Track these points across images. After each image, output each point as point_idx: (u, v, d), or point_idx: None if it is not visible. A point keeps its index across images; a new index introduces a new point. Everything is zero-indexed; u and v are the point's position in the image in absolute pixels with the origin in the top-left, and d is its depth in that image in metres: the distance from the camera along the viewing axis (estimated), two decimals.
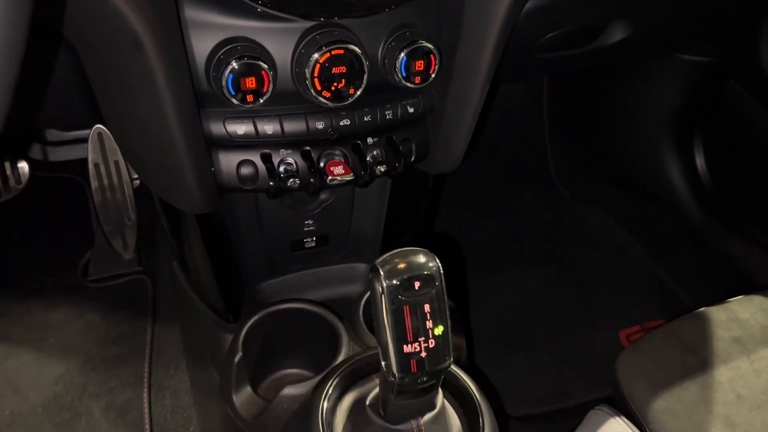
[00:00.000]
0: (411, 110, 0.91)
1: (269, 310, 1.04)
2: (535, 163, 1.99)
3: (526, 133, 2.01)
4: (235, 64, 0.76)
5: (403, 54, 0.82)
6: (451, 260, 1.70)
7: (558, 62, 1.16)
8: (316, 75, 0.79)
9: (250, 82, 0.78)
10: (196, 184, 0.86)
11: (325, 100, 0.81)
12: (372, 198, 1.11)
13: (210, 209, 0.92)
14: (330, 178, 0.87)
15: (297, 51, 0.80)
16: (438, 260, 0.64)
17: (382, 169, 0.91)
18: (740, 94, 1.44)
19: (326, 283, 1.20)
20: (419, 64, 0.83)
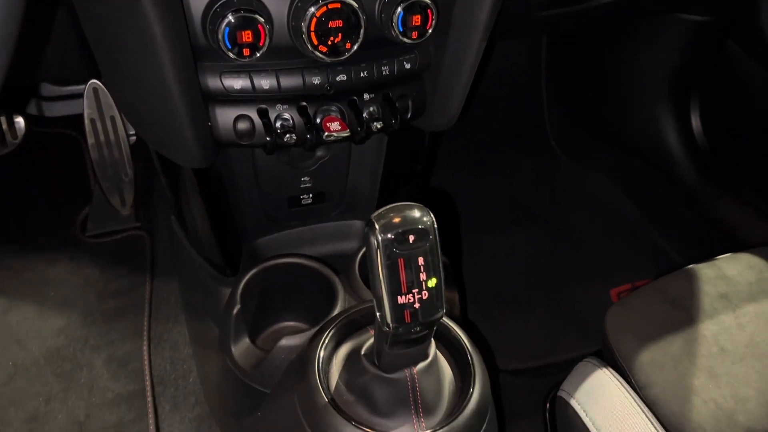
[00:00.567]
0: (408, 66, 0.91)
1: (267, 265, 1.06)
2: (532, 124, 1.99)
3: (523, 94, 2.00)
4: (231, 18, 0.76)
5: (400, 8, 0.82)
6: (446, 217, 1.71)
7: (556, 20, 1.15)
8: (312, 29, 0.79)
9: (247, 35, 0.77)
10: (193, 139, 0.86)
11: (321, 55, 0.81)
12: (368, 155, 1.11)
13: (207, 164, 0.93)
14: (326, 134, 0.88)
15: (293, 4, 0.80)
16: (432, 215, 0.65)
17: (379, 126, 0.91)
18: (739, 54, 1.43)
19: (323, 239, 1.21)
20: (416, 19, 0.83)
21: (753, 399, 0.82)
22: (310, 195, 1.13)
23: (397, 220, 0.63)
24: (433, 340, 0.73)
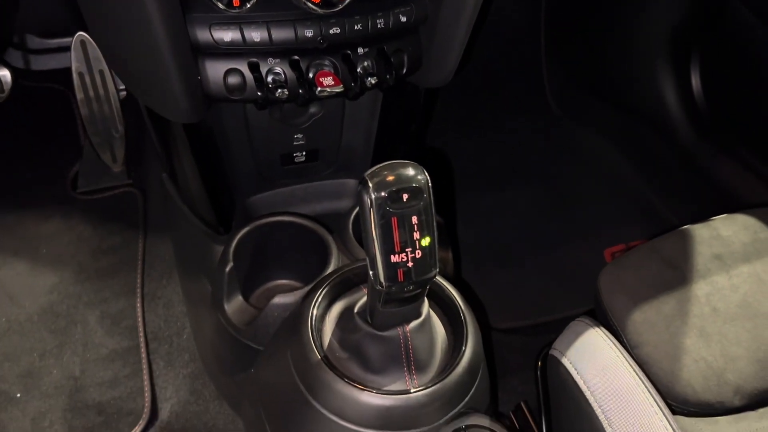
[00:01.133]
0: (403, 19, 0.88)
1: (260, 222, 1.05)
2: (531, 82, 1.96)
3: (522, 52, 1.97)
4: None
5: None
6: (441, 176, 1.70)
7: None
8: None
9: None
10: (182, 93, 0.84)
11: (314, 6, 0.79)
12: (363, 112, 1.09)
13: (197, 119, 0.91)
14: (319, 89, 0.86)
15: None
16: (427, 173, 0.64)
17: (373, 81, 0.89)
18: (740, 10, 1.40)
19: (316, 197, 1.20)
20: None
21: (743, 358, 0.83)
22: (304, 153, 1.11)
23: (390, 178, 0.62)
24: (426, 298, 0.73)
